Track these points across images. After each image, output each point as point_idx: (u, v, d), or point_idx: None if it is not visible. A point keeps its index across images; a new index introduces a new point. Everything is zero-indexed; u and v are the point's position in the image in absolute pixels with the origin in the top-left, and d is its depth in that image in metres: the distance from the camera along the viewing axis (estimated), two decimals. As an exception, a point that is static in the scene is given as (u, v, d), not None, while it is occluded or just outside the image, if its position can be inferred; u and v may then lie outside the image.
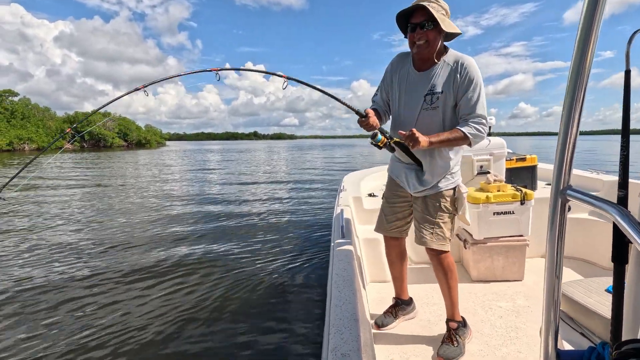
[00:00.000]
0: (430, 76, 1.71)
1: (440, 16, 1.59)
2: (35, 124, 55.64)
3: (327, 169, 17.71)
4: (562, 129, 0.80)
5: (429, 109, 1.70)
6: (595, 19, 0.72)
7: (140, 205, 8.25)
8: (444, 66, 1.69)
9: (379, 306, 2.31)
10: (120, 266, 4.12)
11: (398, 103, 1.82)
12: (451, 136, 1.64)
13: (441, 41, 1.66)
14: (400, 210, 1.99)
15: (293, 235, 5.31)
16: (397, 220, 2.00)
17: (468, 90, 1.63)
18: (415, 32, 1.64)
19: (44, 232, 5.80)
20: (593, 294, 1.49)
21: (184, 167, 20.95)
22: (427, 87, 1.71)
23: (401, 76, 1.81)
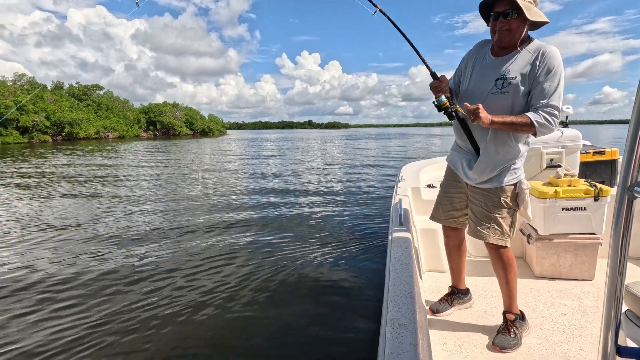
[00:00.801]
0: (506, 62, 1.69)
1: (526, 4, 1.56)
2: (117, 114, 62.16)
3: (382, 158, 17.50)
4: (633, 120, 0.76)
5: (498, 93, 1.68)
6: None
7: (202, 187, 9.04)
8: (523, 53, 1.65)
9: (434, 294, 2.37)
10: (178, 247, 4.58)
11: (467, 84, 1.82)
12: (516, 120, 1.60)
13: (525, 30, 1.63)
14: (457, 201, 2.00)
15: (349, 223, 5.46)
16: (454, 211, 2.01)
17: (545, 80, 1.59)
18: (497, 20, 1.63)
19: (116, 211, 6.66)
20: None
21: (243, 154, 22.17)
22: (499, 72, 1.69)
23: (476, 60, 1.81)
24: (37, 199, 7.77)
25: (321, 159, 17.60)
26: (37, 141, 43.43)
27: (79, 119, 49.92)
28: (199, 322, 2.81)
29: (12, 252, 4.38)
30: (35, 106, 45.00)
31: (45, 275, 3.67)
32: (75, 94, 58.44)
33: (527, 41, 1.67)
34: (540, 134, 1.62)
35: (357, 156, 19.12)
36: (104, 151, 25.22)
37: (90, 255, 4.25)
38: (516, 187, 1.80)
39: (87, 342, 2.57)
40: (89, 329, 2.72)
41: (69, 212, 6.53)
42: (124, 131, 60.20)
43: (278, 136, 68.53)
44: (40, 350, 2.49)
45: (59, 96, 52.57)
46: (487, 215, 1.81)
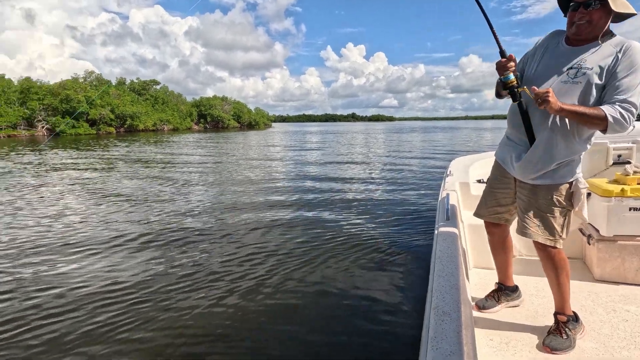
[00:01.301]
0: (583, 52, 1.57)
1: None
2: (171, 108, 66.28)
3: (428, 152, 17.00)
4: None
5: (569, 82, 1.57)
6: None
7: (247, 176, 9.42)
8: (604, 47, 1.53)
9: (481, 291, 2.31)
10: (225, 232, 4.88)
11: (534, 70, 1.71)
12: (588, 111, 1.48)
13: (608, 22, 1.51)
14: (502, 197, 1.93)
15: (393, 216, 5.44)
16: (498, 206, 1.94)
17: (627, 75, 1.48)
18: (577, 11, 1.51)
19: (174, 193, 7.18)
20: None
21: (287, 146, 22.69)
22: (573, 61, 1.58)
23: (547, 48, 1.71)
24: (108, 181, 8.65)
25: (364, 152, 17.50)
26: (103, 132, 47.73)
27: (139, 112, 54.00)
28: (238, 307, 2.87)
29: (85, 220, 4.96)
30: (102, 101, 49.36)
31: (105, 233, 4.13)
32: (135, 89, 63.17)
33: (609, 35, 1.55)
34: (611, 131, 1.49)
35: (402, 150, 18.73)
36: (161, 142, 27.16)
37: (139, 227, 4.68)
38: (572, 185, 1.69)
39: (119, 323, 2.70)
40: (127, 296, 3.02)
41: (132, 189, 7.21)
42: (178, 124, 64.10)
43: (321, 129, 68.96)
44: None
45: (121, 91, 57.17)
46: (536, 214, 1.73)
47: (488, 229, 2.07)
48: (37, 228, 5.12)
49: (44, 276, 3.53)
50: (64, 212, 5.99)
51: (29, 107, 43.16)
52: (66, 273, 3.59)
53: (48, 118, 44.45)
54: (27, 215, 5.83)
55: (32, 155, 16.80)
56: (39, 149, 21.26)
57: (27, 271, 3.64)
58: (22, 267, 3.74)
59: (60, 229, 5.09)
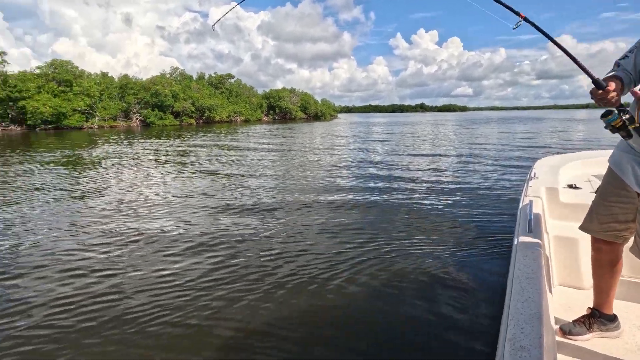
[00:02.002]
0: None
1: None
2: (244, 100, 70.31)
3: (505, 149, 15.42)
4: None
5: None
6: None
7: (312, 168, 9.55)
8: None
9: (566, 313, 2.05)
10: (284, 224, 4.97)
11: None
12: None
13: None
14: (620, 212, 1.65)
15: (465, 222, 4.87)
16: (615, 223, 1.67)
17: None
18: None
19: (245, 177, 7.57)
20: None
21: (350, 138, 22.51)
22: None
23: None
24: (187, 167, 9.53)
25: (431, 147, 16.59)
26: (185, 124, 52.55)
27: (216, 105, 58.28)
28: (293, 302, 2.91)
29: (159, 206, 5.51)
30: (184, 94, 54.27)
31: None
32: (212, 83, 68.16)
33: None
34: None
35: (474, 144, 17.29)
36: (234, 132, 29.03)
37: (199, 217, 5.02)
38: None
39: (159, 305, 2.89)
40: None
41: (202, 181, 7.84)
42: (249, 115, 67.82)
43: (387, 120, 67.19)
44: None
45: (201, 85, 62.14)
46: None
47: (597, 246, 1.80)
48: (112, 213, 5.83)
49: (104, 261, 3.79)
50: (137, 200, 6.74)
51: (126, 101, 49.25)
52: (126, 260, 3.82)
53: (141, 110, 50.30)
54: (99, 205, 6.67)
55: (128, 143, 19.24)
56: (133, 137, 24.27)
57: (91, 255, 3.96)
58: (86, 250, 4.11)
59: (127, 214, 5.72)
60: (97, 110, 45.28)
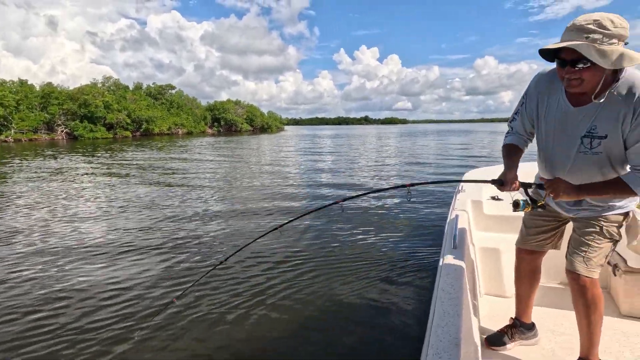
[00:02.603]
0: (589, 113, 1.37)
1: (605, 49, 1.19)
2: (186, 111, 67.40)
3: (442, 159, 16.55)
4: None
5: (588, 153, 1.40)
6: None
7: (254, 183, 9.33)
8: (611, 99, 1.31)
9: (491, 322, 2.13)
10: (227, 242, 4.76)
11: (547, 141, 1.54)
12: (612, 188, 1.37)
13: (608, 71, 1.27)
14: (543, 224, 1.76)
15: (396, 238, 4.85)
16: (541, 234, 1.78)
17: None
18: (564, 68, 1.29)
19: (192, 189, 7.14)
20: None
21: (297, 151, 22.54)
22: (585, 128, 1.39)
23: (550, 107, 1.50)
24: (119, 183, 8.71)
25: (376, 158, 17.22)
26: (120, 136, 48.79)
27: (154, 117, 55.07)
28: (226, 321, 2.87)
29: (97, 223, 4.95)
30: (119, 105, 50.56)
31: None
32: (151, 94, 64.53)
33: (614, 80, 1.30)
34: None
35: (416, 155, 18.34)
36: (174, 146, 27.52)
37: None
38: (627, 217, 1.53)
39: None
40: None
41: (141, 194, 7.23)
42: (192, 127, 65.08)
43: (334, 132, 68.75)
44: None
45: (138, 95, 58.45)
46: (584, 244, 1.55)
47: (520, 255, 1.89)
48: (43, 229, 5.14)
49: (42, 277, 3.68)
50: (73, 215, 6.03)
51: (50, 112, 44.50)
52: (68, 276, 3.72)
53: (67, 122, 45.73)
54: (35, 216, 5.88)
55: (49, 159, 17.23)
56: (57, 152, 21.84)
57: (28, 271, 3.82)
58: (28, 268, 3.92)
59: (66, 232, 5.16)
60: (14, 121, 40.30)
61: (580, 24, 1.23)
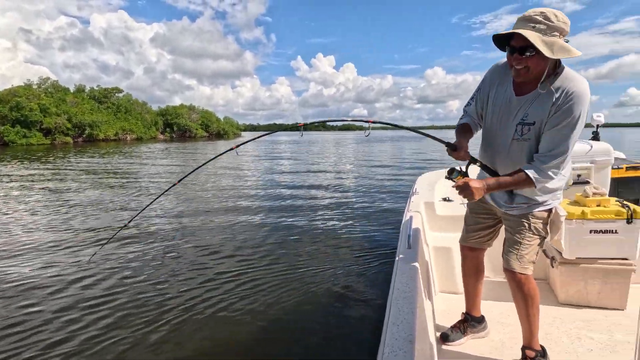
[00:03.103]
0: (526, 103, 1.50)
1: (549, 40, 1.33)
2: (135, 116, 63.57)
3: (398, 164, 17.19)
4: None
5: (520, 140, 1.52)
6: None
7: (211, 189, 9.01)
8: (547, 92, 1.44)
9: (446, 319, 2.21)
10: (184, 249, 4.56)
11: (491, 126, 1.66)
12: (513, 180, 1.47)
13: (548, 67, 1.41)
14: (483, 221, 1.86)
15: (354, 241, 4.93)
16: (479, 231, 1.88)
17: (558, 125, 1.41)
18: (513, 55, 1.43)
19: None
20: None
21: (254, 158, 22.19)
22: (520, 116, 1.52)
23: (498, 94, 1.62)
24: (55, 196, 7.94)
25: (334, 165, 17.45)
26: (59, 142, 44.81)
27: (99, 121, 51.31)
28: (193, 322, 2.89)
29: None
30: (57, 108, 46.50)
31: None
32: (96, 97, 60.11)
33: (553, 75, 1.44)
34: (541, 187, 1.49)
35: (372, 161, 18.85)
36: (120, 152, 25.81)
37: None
38: (550, 213, 1.63)
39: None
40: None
41: (87, 202, 6.64)
42: (142, 133, 61.51)
43: (292, 138, 68.69)
44: None
45: (80, 99, 54.21)
46: (516, 242, 1.66)
47: (463, 252, 2.00)
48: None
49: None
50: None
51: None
52: None
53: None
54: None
55: (-28, 169, 15.34)
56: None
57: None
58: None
59: None
60: None
61: (529, 15, 1.37)
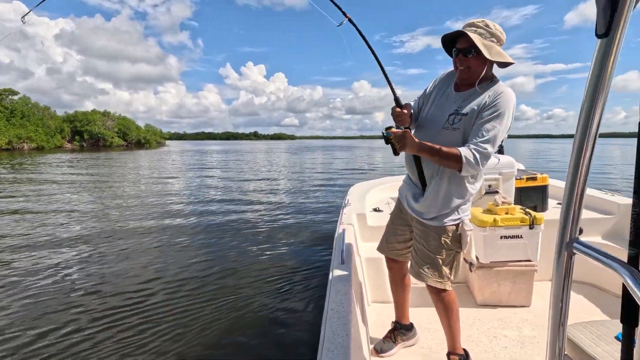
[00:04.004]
0: (464, 98, 1.63)
1: (487, 43, 1.52)
2: (34, 122, 55.43)
3: (330, 174, 17.50)
4: (569, 181, 0.80)
5: (449, 128, 1.61)
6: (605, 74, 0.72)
7: (133, 204, 8.18)
8: (480, 92, 1.60)
9: (380, 329, 2.24)
10: (109, 270, 4.04)
11: (425, 114, 1.76)
12: (445, 150, 1.52)
13: (486, 69, 1.59)
14: (400, 233, 1.90)
15: (288, 259, 4.70)
16: (397, 243, 1.92)
17: (487, 118, 1.52)
18: (457, 57, 1.59)
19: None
20: (601, 341, 1.39)
21: (181, 169, 20.77)
22: (455, 107, 1.63)
23: (439, 92, 1.75)
24: None
25: (265, 175, 17.15)
26: None
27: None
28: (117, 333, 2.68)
29: None
30: None
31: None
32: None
33: (489, 80, 1.62)
34: (465, 171, 1.53)
35: (304, 171, 18.93)
36: (17, 164, 22.08)
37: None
38: (458, 227, 1.70)
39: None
40: None
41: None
42: (43, 142, 53.86)
43: (222, 148, 66.31)
44: None
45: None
46: (427, 255, 1.72)
47: (388, 264, 2.03)
48: None
49: None
50: None
51: None
52: None
53: None
54: None
55: None
56: None
57: None
58: None
59: None
60: None
61: (472, 22, 1.57)
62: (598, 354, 1.30)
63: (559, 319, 0.88)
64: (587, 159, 0.79)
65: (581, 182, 0.80)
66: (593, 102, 0.76)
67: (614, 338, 1.39)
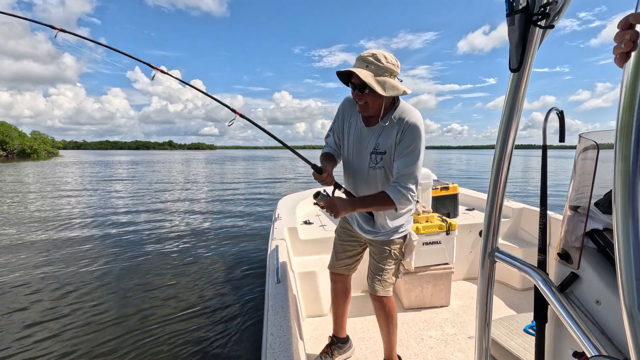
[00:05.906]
0: (375, 134, 1.64)
1: (380, 79, 1.46)
2: None
3: (255, 186, 17.09)
4: (489, 198, 0.91)
5: (375, 167, 1.65)
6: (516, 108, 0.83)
7: (15, 234, 6.85)
8: (390, 124, 1.58)
9: (316, 344, 2.22)
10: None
11: (349, 156, 1.75)
12: (377, 200, 1.57)
13: (387, 98, 1.55)
14: (350, 249, 1.95)
15: (220, 276, 4.44)
16: (347, 258, 1.96)
17: (404, 152, 1.55)
18: (354, 92, 1.54)
19: None
20: (514, 335, 1.58)
21: (77, 184, 18.22)
22: (372, 145, 1.64)
23: (351, 125, 1.73)
24: None
25: (184, 189, 16.03)
26: None
27: None
28: None
29: None
30: None
31: None
32: None
33: (392, 108, 1.60)
34: (400, 209, 1.59)
35: (226, 183, 18.20)
36: None
37: None
38: (405, 239, 1.81)
39: None
40: None
41: None
42: None
43: (131, 158, 60.06)
44: None
45: None
46: (379, 267, 1.79)
47: (333, 277, 2.04)
48: None
49: None
50: None
51: None
52: None
53: None
54: None
55: None
56: None
57: None
58: None
59: None
60: None
61: (364, 56, 1.49)
62: (513, 347, 1.46)
63: (485, 319, 0.97)
64: (504, 175, 0.90)
65: (499, 197, 0.91)
66: (508, 126, 0.86)
67: (522, 331, 1.59)
